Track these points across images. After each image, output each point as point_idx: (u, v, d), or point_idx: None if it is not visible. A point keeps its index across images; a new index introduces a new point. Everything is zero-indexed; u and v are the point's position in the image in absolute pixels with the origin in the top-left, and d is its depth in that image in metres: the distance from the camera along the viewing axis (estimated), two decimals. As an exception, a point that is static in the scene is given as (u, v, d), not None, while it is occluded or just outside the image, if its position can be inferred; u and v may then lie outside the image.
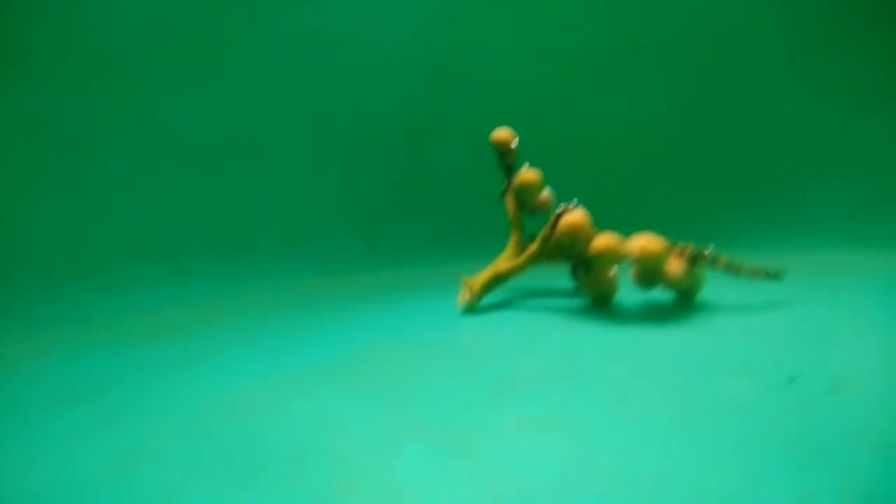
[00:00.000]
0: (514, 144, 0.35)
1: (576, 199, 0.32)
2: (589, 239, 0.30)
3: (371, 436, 0.19)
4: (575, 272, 0.32)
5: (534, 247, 0.32)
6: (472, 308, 0.32)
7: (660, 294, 0.33)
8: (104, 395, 0.24)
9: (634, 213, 0.50)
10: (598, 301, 0.32)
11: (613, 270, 0.32)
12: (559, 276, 0.38)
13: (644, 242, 0.29)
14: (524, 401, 0.21)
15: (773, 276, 0.30)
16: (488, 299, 0.34)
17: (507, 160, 0.35)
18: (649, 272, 0.30)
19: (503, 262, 0.33)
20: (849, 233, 0.45)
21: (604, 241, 0.30)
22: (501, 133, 0.35)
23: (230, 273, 0.42)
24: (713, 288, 0.33)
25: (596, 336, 0.27)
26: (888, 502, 0.14)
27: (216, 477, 0.17)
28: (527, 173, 0.34)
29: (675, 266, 0.30)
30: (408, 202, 0.51)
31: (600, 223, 0.32)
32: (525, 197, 0.35)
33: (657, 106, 0.55)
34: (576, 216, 0.30)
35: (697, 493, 0.15)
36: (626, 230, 0.32)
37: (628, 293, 0.34)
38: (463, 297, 0.32)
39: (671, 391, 0.21)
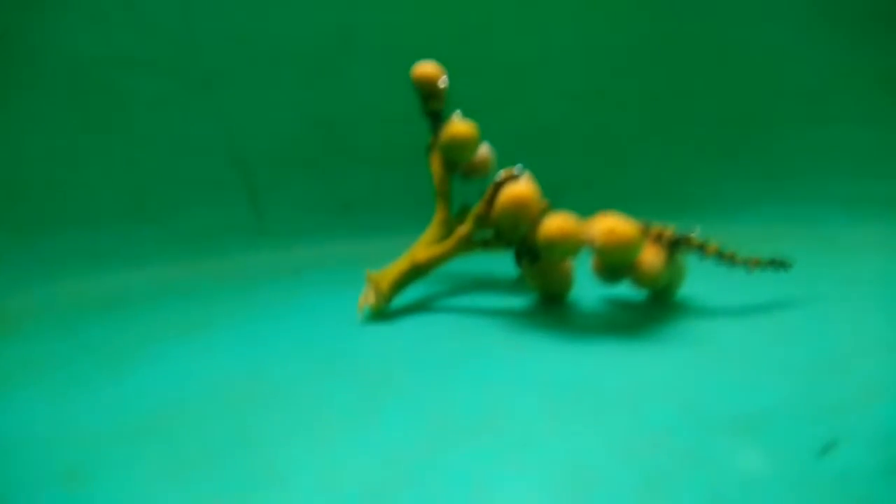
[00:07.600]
0: (442, 84, 0.26)
1: (520, 165, 0.23)
2: (536, 220, 0.22)
3: None
4: (519, 258, 0.24)
5: (464, 229, 0.24)
6: (378, 312, 0.24)
7: (628, 289, 0.26)
8: None
9: (597, 182, 0.42)
10: (547, 298, 0.25)
11: (568, 262, 0.24)
12: (498, 258, 0.30)
13: (610, 225, 0.21)
14: (445, 468, 0.13)
15: (780, 265, 0.23)
16: (402, 296, 0.26)
17: (432, 105, 0.27)
18: (616, 264, 0.22)
19: (423, 246, 0.25)
20: (848, 197, 0.38)
21: (556, 223, 0.21)
22: (425, 68, 0.26)
23: (79, 248, 0.32)
24: (696, 278, 0.25)
25: (543, 356, 0.19)
26: None
27: None
28: (458, 125, 0.25)
29: (650, 256, 0.23)
30: (305, 156, 0.41)
31: (553, 200, 0.23)
32: (455, 156, 0.26)
33: (621, 37, 0.46)
34: (520, 188, 0.22)
35: None
36: (587, 208, 0.23)
37: (587, 287, 0.26)
38: (366, 298, 0.24)
39: (647, 462, 0.13)
